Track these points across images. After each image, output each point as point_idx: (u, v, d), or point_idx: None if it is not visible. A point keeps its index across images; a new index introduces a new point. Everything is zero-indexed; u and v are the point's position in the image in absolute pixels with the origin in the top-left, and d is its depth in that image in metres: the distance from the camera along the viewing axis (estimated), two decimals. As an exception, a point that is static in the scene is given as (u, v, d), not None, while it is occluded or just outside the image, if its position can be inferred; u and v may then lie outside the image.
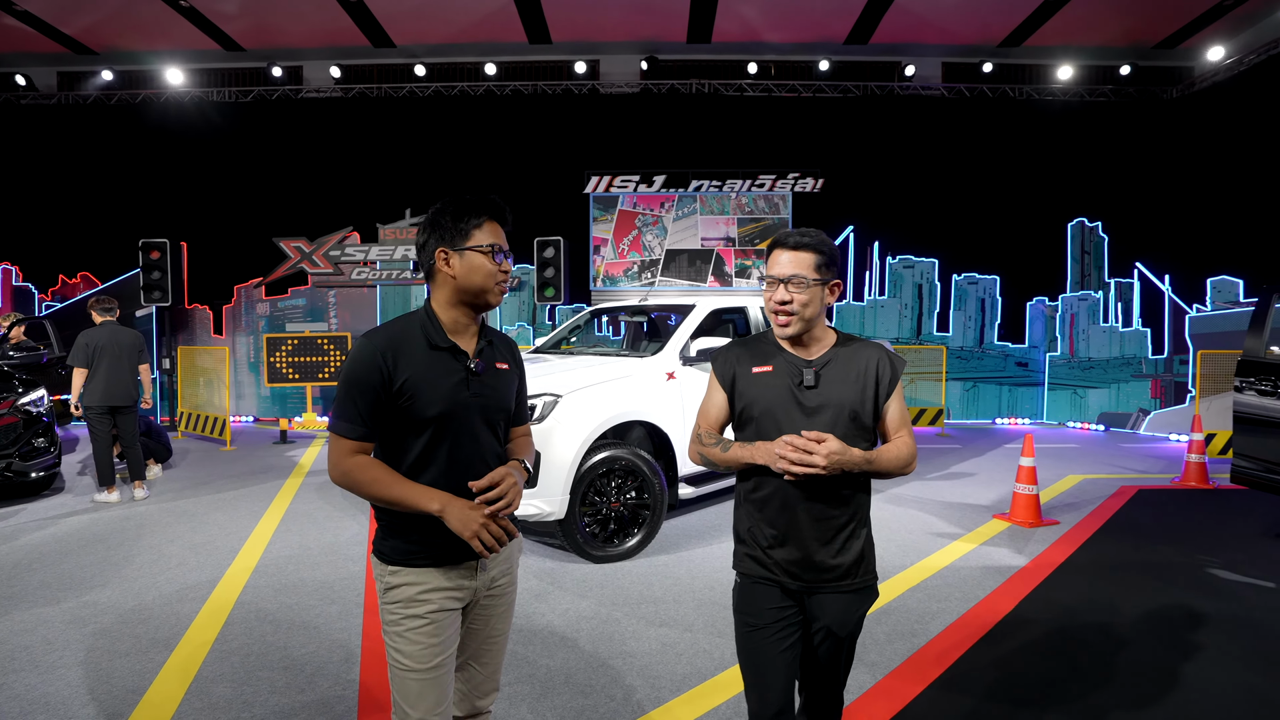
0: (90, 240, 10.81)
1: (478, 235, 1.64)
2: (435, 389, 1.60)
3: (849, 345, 1.86)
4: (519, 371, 1.85)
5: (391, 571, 1.63)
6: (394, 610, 1.62)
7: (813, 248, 1.81)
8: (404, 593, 1.61)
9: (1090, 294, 10.48)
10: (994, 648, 3.23)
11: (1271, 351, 4.26)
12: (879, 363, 1.83)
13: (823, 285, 1.81)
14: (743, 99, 10.73)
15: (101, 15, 9.75)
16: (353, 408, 1.57)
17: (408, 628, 1.60)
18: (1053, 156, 10.69)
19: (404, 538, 1.62)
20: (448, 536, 1.57)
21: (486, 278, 1.65)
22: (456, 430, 1.63)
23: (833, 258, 1.84)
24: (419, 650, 1.60)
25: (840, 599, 1.81)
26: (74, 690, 2.80)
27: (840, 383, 1.80)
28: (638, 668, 3.02)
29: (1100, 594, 3.88)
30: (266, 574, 4.15)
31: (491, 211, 1.68)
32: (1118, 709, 2.70)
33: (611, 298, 10.77)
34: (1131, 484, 6.57)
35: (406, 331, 1.64)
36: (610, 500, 4.42)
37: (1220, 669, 3.02)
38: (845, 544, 1.80)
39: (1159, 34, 10.28)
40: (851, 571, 1.81)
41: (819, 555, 1.79)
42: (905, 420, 1.85)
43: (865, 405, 1.81)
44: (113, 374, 5.70)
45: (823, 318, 1.87)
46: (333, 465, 1.60)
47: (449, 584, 1.64)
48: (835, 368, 1.82)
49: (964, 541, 4.82)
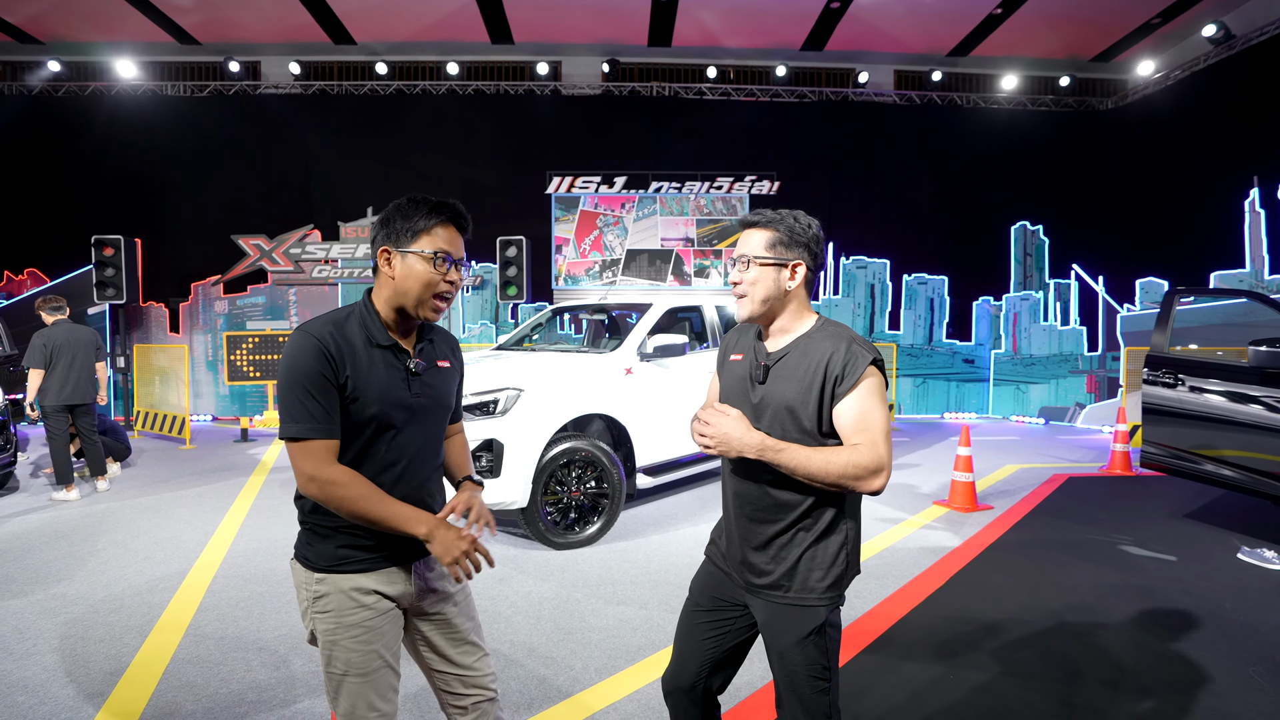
0: (37, 236, 10.53)
1: (424, 240, 1.54)
2: (376, 388, 1.52)
3: (814, 336, 1.67)
4: (460, 368, 1.79)
5: (319, 580, 1.55)
6: (325, 621, 1.54)
7: (765, 224, 1.68)
8: (334, 602, 1.54)
9: (1032, 294, 11.03)
10: (922, 616, 3.53)
11: (1174, 349, 4.67)
12: (831, 357, 1.60)
13: (777, 266, 1.66)
14: (702, 102, 11.01)
15: (49, 4, 9.52)
16: (311, 404, 1.45)
17: (343, 638, 1.53)
18: (998, 162, 11.21)
19: (333, 541, 1.55)
20: (379, 538, 1.55)
21: (424, 287, 1.54)
22: (396, 430, 1.57)
23: (793, 236, 1.66)
24: (358, 658, 1.54)
25: (770, 608, 1.67)
26: (51, 674, 2.90)
27: (786, 378, 1.65)
28: (596, 641, 3.23)
29: (1023, 569, 4.23)
30: (235, 565, 4.25)
31: (447, 215, 1.57)
32: (1026, 662, 3.01)
33: (573, 296, 10.94)
34: (1063, 472, 7.02)
35: (345, 326, 1.54)
36: (571, 490, 4.63)
37: (1117, 628, 3.38)
38: (780, 551, 1.66)
39: (1094, 49, 10.88)
40: (782, 583, 1.65)
41: (751, 555, 1.70)
42: (868, 426, 1.56)
43: (807, 405, 1.61)
44: (70, 373, 5.69)
45: (795, 303, 1.70)
46: (305, 475, 1.45)
47: (381, 587, 1.57)
48: (789, 361, 1.66)
49: (904, 526, 5.15)
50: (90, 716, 2.59)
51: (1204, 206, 9.21)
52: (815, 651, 1.63)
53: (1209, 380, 4.38)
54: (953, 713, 2.66)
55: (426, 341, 1.69)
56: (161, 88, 10.68)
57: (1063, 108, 11.28)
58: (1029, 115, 11.30)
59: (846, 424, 1.58)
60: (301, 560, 1.59)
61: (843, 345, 1.61)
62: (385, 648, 1.58)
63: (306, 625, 1.60)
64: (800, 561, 1.64)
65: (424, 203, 1.57)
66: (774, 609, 1.67)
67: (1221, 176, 8.93)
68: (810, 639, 1.62)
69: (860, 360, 1.58)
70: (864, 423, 1.56)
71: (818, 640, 1.63)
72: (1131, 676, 2.93)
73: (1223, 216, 8.88)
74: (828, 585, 1.64)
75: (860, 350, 1.60)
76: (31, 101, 10.59)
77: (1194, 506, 5.62)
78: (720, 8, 9.85)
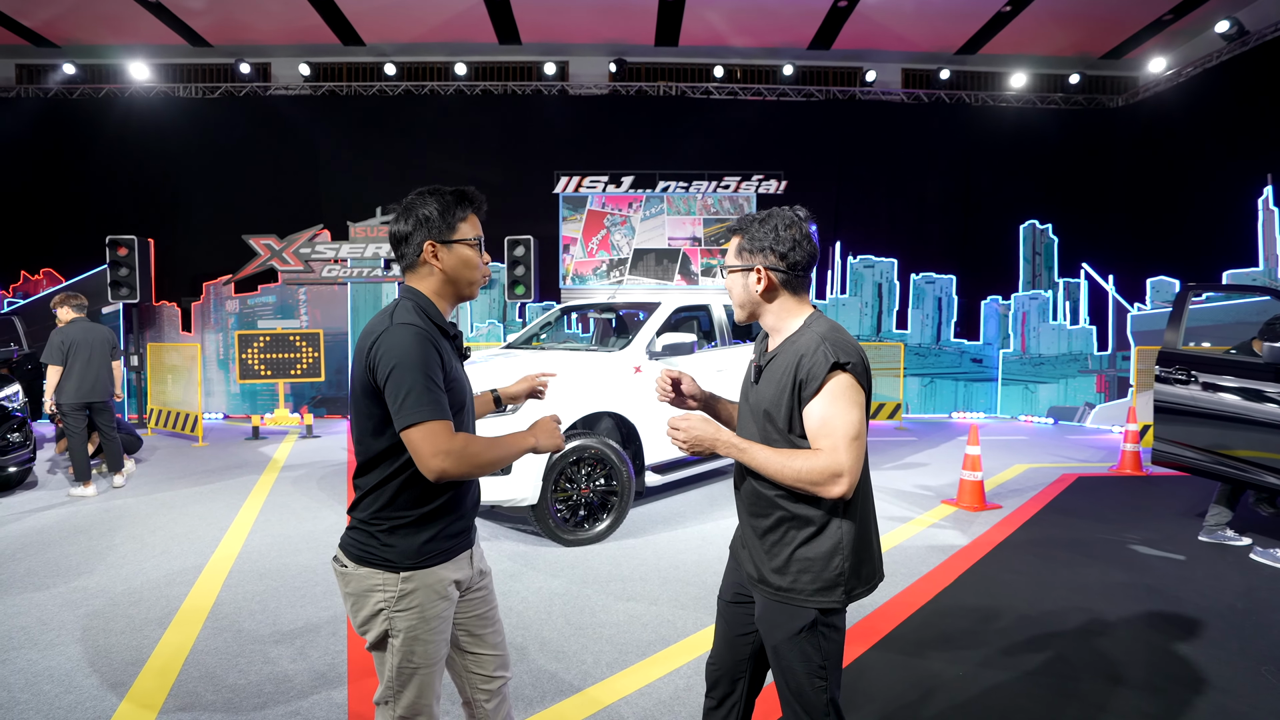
0: (53, 236, 10.69)
1: (464, 229, 1.66)
2: (459, 376, 1.66)
3: (797, 336, 1.65)
4: None
5: (405, 578, 1.56)
6: (409, 618, 1.56)
7: (736, 230, 1.71)
8: (420, 597, 1.57)
9: (1040, 293, 10.99)
10: (931, 614, 3.55)
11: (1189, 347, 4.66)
12: (802, 359, 1.58)
13: (744, 271, 1.67)
14: (709, 101, 11.02)
15: (63, 8, 9.64)
16: (435, 389, 1.49)
17: (423, 631, 1.57)
18: (1006, 160, 11.18)
19: (419, 536, 1.58)
20: (457, 524, 1.65)
21: (474, 270, 1.69)
22: (469, 417, 1.70)
23: (753, 242, 1.66)
24: (434, 649, 1.59)
25: (763, 602, 1.69)
26: (75, 664, 2.96)
27: (769, 381, 1.67)
28: (607, 636, 3.27)
29: (1031, 568, 4.24)
30: (250, 560, 4.31)
31: (474, 205, 1.70)
32: (1035, 660, 3.03)
33: (580, 296, 10.99)
34: (1072, 472, 7.01)
35: (424, 319, 1.59)
36: (580, 487, 4.67)
37: (1126, 627, 3.38)
38: (774, 545, 1.67)
39: (1104, 46, 10.83)
40: (772, 579, 1.66)
41: (752, 547, 1.73)
42: (830, 430, 1.53)
43: (780, 407, 1.61)
44: (88, 371, 5.77)
45: (776, 305, 1.69)
46: (443, 454, 1.45)
47: (456, 574, 1.65)
48: (776, 361, 1.67)
49: (913, 524, 5.16)
50: (114, 706, 2.65)
51: (1216, 205, 9.17)
52: (809, 648, 1.61)
53: (1223, 377, 4.37)
54: (962, 710, 2.68)
55: None
56: (173, 89, 10.79)
57: (1072, 106, 11.24)
58: (1038, 113, 11.26)
59: (811, 428, 1.57)
60: (379, 564, 1.56)
61: (813, 346, 1.58)
62: (448, 635, 1.67)
63: (376, 628, 1.57)
64: (792, 559, 1.63)
65: (451, 194, 1.67)
66: (766, 603, 1.68)
67: (1234, 174, 8.88)
68: (802, 636, 1.61)
69: (824, 362, 1.54)
70: (826, 427, 1.54)
71: (809, 638, 1.61)
72: (1141, 675, 2.95)
73: (1235, 215, 8.84)
74: (818, 588, 1.60)
75: (828, 350, 1.55)
76: (47, 104, 10.73)
77: (1205, 506, 5.59)
78: (727, 7, 9.86)
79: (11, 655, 3.04)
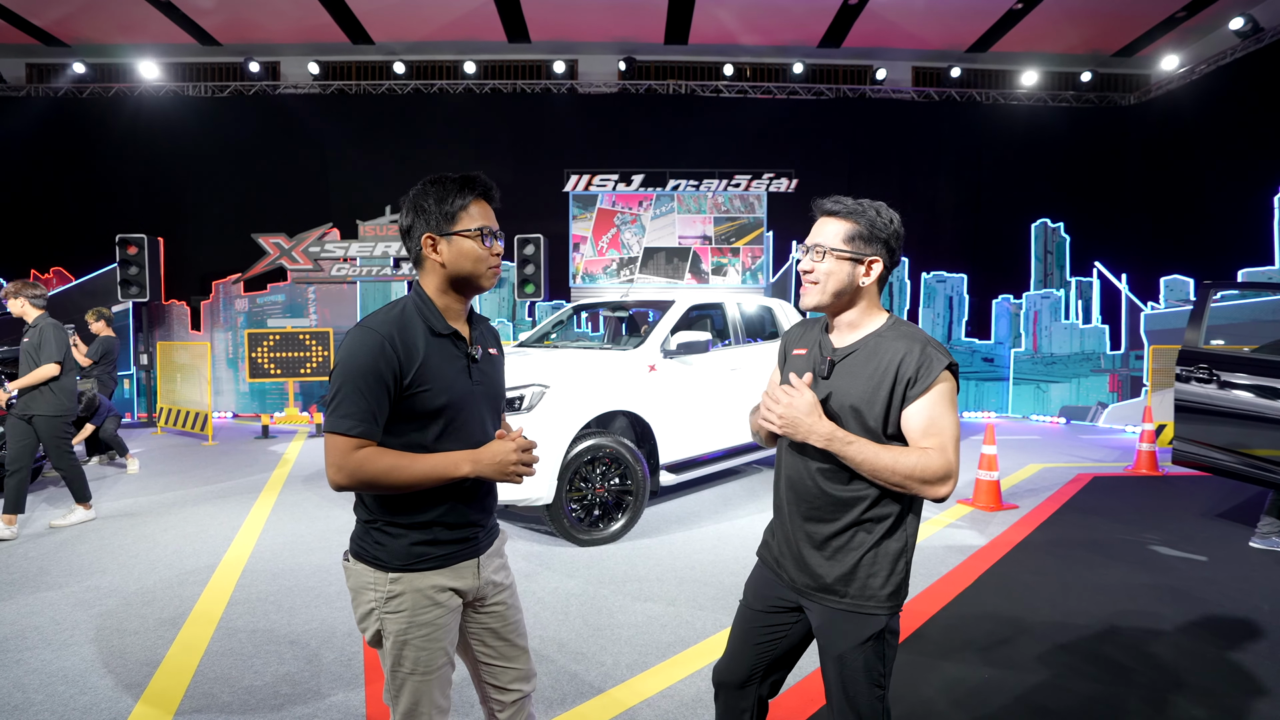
0: (63, 235, 10.70)
1: (465, 218, 1.54)
2: (443, 377, 1.53)
3: (885, 335, 1.61)
4: (503, 359, 1.81)
5: (393, 579, 1.53)
6: (397, 620, 1.53)
7: (845, 215, 1.62)
8: (408, 601, 1.53)
9: (1052, 292, 10.90)
10: (952, 615, 3.50)
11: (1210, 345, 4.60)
12: (904, 359, 1.55)
13: (853, 260, 1.60)
14: (719, 99, 10.97)
15: (73, 7, 9.65)
16: (361, 402, 1.43)
17: (413, 636, 1.53)
18: (1017, 159, 11.10)
19: (407, 539, 1.54)
20: (454, 533, 1.57)
21: (476, 263, 1.56)
22: (465, 419, 1.58)
23: (873, 231, 1.60)
24: (426, 656, 1.55)
25: (825, 612, 1.62)
26: (90, 664, 2.93)
27: (853, 376, 1.60)
28: (625, 637, 3.23)
29: (1052, 569, 4.18)
30: (263, 559, 4.28)
31: (478, 190, 1.57)
32: (1062, 662, 2.97)
33: (590, 294, 10.94)
34: (1087, 472, 6.94)
35: (405, 318, 1.53)
36: (595, 486, 4.63)
37: (1152, 629, 3.33)
38: (837, 552, 1.60)
39: (1116, 43, 10.74)
40: (838, 588, 1.59)
41: (807, 556, 1.64)
42: (939, 430, 1.52)
43: (874, 406, 1.56)
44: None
45: (866, 300, 1.64)
46: (335, 467, 1.43)
47: (453, 583, 1.58)
48: (856, 359, 1.61)
49: (930, 524, 5.10)
50: (130, 707, 2.62)
51: (1230, 203, 9.08)
52: (873, 658, 1.57)
53: (1247, 376, 4.31)
54: (993, 712, 2.63)
55: (479, 331, 1.71)
56: (183, 88, 10.79)
57: (1084, 104, 11.15)
58: (1049, 111, 11.17)
59: (916, 427, 1.53)
60: (371, 561, 1.55)
61: (917, 347, 1.56)
62: (450, 644, 1.60)
63: (371, 626, 1.56)
64: (859, 565, 1.58)
65: (452, 181, 1.56)
66: (830, 614, 1.61)
67: (1249, 172, 8.79)
68: (869, 644, 1.57)
69: (935, 364, 1.53)
70: (935, 427, 1.52)
71: (876, 647, 1.57)
72: (1172, 678, 2.89)
73: (1250, 213, 8.74)
74: (890, 592, 1.58)
75: (936, 354, 1.55)
76: (57, 103, 10.74)
77: (1224, 506, 5.54)
78: (737, 5, 9.81)
79: (26, 655, 3.01)
